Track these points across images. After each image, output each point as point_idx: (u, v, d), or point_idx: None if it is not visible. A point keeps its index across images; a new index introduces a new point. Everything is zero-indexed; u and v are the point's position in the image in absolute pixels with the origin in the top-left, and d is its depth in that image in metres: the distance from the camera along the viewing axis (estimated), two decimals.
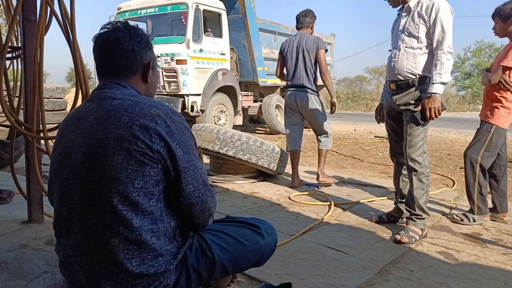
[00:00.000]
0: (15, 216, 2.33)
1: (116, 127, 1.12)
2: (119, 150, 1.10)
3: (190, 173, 1.18)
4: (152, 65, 1.32)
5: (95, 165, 1.12)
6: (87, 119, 1.18)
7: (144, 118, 1.13)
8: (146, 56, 1.29)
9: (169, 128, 1.16)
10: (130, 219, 1.11)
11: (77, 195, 1.15)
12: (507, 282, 1.99)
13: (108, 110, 1.16)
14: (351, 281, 1.95)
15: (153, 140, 1.12)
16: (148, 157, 1.11)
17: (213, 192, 1.28)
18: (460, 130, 11.10)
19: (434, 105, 2.37)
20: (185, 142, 1.19)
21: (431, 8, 2.41)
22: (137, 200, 1.11)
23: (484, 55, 39.26)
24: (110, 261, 1.13)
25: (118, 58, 1.24)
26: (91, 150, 1.13)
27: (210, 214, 1.29)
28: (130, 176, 1.10)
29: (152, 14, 8.05)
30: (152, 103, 1.19)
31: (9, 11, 2.74)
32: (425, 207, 2.59)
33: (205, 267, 1.27)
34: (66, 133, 1.22)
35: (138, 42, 1.26)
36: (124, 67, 1.25)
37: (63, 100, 8.82)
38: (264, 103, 9.40)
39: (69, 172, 1.17)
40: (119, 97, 1.19)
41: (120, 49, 1.23)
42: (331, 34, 12.38)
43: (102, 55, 1.26)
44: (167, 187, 1.18)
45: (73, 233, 1.17)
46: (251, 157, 3.88)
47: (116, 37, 1.24)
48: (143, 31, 1.32)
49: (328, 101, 4.26)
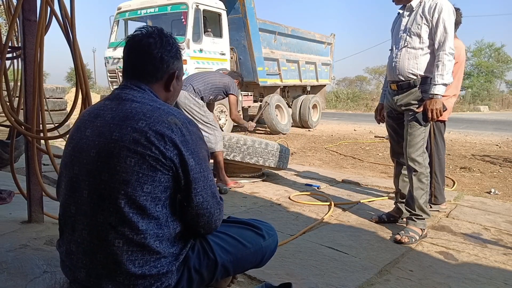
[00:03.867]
0: (15, 216, 2.33)
1: (133, 130, 1.13)
2: (133, 153, 1.11)
3: (200, 184, 1.19)
4: (177, 75, 1.34)
5: (107, 165, 1.12)
6: (105, 118, 1.18)
7: (161, 125, 1.14)
8: (173, 66, 1.30)
9: (184, 137, 1.17)
10: (136, 222, 1.12)
11: (85, 192, 1.15)
12: (507, 282, 1.99)
13: (127, 112, 1.17)
14: (351, 281, 1.95)
15: (167, 147, 1.13)
16: (160, 163, 1.12)
17: (221, 205, 1.29)
18: (460, 130, 11.10)
19: (436, 106, 2.37)
20: (198, 153, 1.19)
21: (434, 8, 2.41)
22: (145, 204, 1.12)
23: (484, 55, 39.26)
24: (113, 261, 1.13)
25: (146, 64, 1.26)
26: (105, 150, 1.13)
27: (216, 226, 1.30)
28: (141, 180, 1.11)
29: (152, 14, 8.06)
30: (170, 110, 1.20)
31: (9, 11, 2.75)
32: (425, 207, 2.59)
33: (207, 268, 1.27)
34: (81, 129, 1.22)
35: (168, 51, 1.28)
36: (149, 73, 1.27)
37: (63, 100, 8.80)
38: (264, 103, 9.40)
39: (80, 168, 1.17)
40: (139, 100, 1.20)
41: (149, 55, 1.25)
42: (331, 34, 12.40)
43: (131, 58, 1.28)
44: (174, 194, 1.20)
45: (79, 230, 1.18)
46: (258, 159, 3.94)
47: (148, 43, 1.25)
48: (175, 40, 1.33)
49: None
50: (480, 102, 30.15)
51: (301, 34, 10.78)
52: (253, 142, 3.92)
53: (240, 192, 3.71)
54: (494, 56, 38.79)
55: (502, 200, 3.76)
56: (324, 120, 13.15)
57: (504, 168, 5.58)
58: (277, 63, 9.71)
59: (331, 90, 26.56)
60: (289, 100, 10.94)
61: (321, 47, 11.82)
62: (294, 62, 10.42)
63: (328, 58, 12.24)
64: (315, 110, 11.40)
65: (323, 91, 12.90)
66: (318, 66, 11.50)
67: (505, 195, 4.01)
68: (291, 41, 10.41)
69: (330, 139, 8.70)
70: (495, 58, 38.53)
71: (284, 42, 10.12)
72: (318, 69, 11.54)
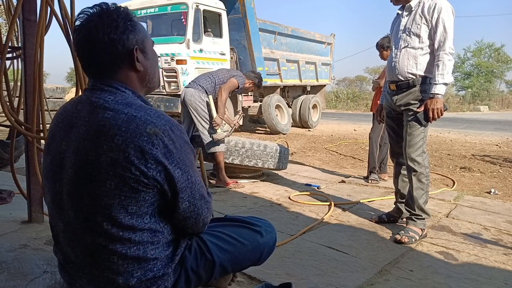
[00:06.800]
0: (15, 216, 2.33)
1: (109, 148, 1.02)
2: (112, 176, 1.02)
3: (187, 192, 1.13)
4: (141, 48, 1.14)
5: (86, 189, 1.05)
6: (79, 130, 1.07)
7: (140, 139, 1.02)
8: (129, 42, 1.10)
9: (167, 148, 1.06)
10: (128, 238, 1.08)
11: (71, 212, 1.10)
12: (507, 282, 1.99)
13: (100, 125, 1.04)
14: (351, 281, 1.95)
15: (148, 165, 1.03)
16: (142, 184, 1.04)
17: (209, 202, 1.24)
18: (460, 130, 11.11)
19: (437, 106, 2.38)
20: (184, 160, 1.11)
21: (433, 8, 2.41)
22: (131, 223, 1.07)
23: (484, 55, 39.27)
24: (111, 275, 1.11)
25: (99, 55, 1.08)
26: (83, 171, 1.05)
27: (204, 224, 1.26)
28: (123, 203, 1.04)
29: (152, 14, 8.06)
30: (148, 118, 1.05)
31: (9, 11, 2.75)
32: (425, 207, 2.59)
33: (204, 268, 1.26)
34: (57, 139, 1.13)
35: (115, 28, 1.07)
36: (108, 64, 1.09)
37: (63, 100, 8.83)
38: (264, 103, 9.41)
39: (61, 186, 1.10)
40: (112, 107, 1.06)
41: (96, 43, 1.06)
42: (331, 34, 12.40)
43: (83, 54, 1.11)
44: (161, 203, 1.14)
45: (71, 247, 1.14)
46: (257, 162, 3.94)
47: (89, 29, 1.06)
48: (119, 10, 1.10)
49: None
50: (480, 102, 30.17)
51: (301, 34, 10.78)
52: (252, 144, 3.92)
53: (240, 192, 3.71)
54: (494, 56, 38.78)
55: (502, 200, 3.76)
56: (324, 120, 13.15)
57: (504, 168, 5.58)
58: (277, 63, 9.71)
59: (331, 90, 26.54)
60: (289, 100, 10.94)
61: (321, 47, 11.82)
62: (294, 62, 10.42)
63: (328, 58, 12.24)
64: (315, 110, 11.40)
65: (323, 91, 12.90)
66: (318, 66, 11.51)
67: (505, 195, 4.01)
68: (291, 41, 10.41)
69: (330, 139, 8.70)
70: (495, 58, 38.53)
71: (284, 42, 10.12)
72: (318, 69, 11.54)
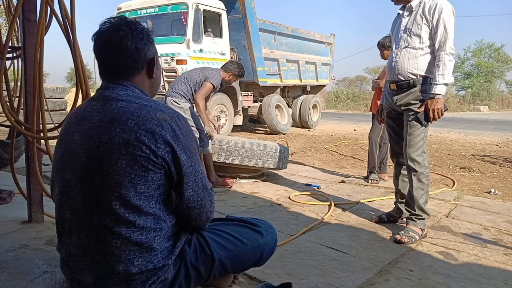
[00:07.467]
0: (15, 216, 2.32)
1: (122, 131, 1.11)
2: (124, 155, 1.10)
3: (191, 178, 1.20)
4: (156, 59, 1.31)
5: (99, 169, 1.12)
6: (92, 120, 1.17)
7: (150, 123, 1.13)
8: (149, 52, 1.27)
9: (175, 132, 1.16)
10: (133, 221, 1.13)
11: (79, 197, 1.15)
12: (507, 282, 1.99)
13: (114, 113, 1.15)
14: (351, 281, 1.94)
15: (158, 145, 1.12)
16: (152, 162, 1.12)
17: (212, 196, 1.30)
18: (460, 130, 11.11)
19: (437, 106, 2.38)
20: (189, 147, 1.20)
21: (434, 8, 2.41)
22: (139, 203, 1.13)
23: (484, 55, 39.27)
24: (113, 261, 1.14)
25: (123, 59, 1.22)
26: (95, 153, 1.12)
27: (208, 218, 1.30)
28: (133, 181, 1.11)
29: (152, 14, 8.05)
30: (157, 106, 1.18)
31: (9, 11, 2.75)
32: (425, 207, 2.59)
33: (203, 264, 1.28)
34: (69, 133, 1.21)
35: (140, 39, 1.24)
36: (129, 67, 1.23)
37: (63, 100, 8.83)
38: (264, 103, 9.41)
39: (72, 173, 1.17)
40: (124, 99, 1.18)
41: (124, 49, 1.21)
42: (331, 34, 12.39)
43: (105, 56, 1.24)
44: (167, 189, 1.20)
45: (76, 233, 1.18)
46: (257, 162, 3.94)
47: (119, 37, 1.20)
48: (142, 25, 1.29)
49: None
50: (480, 102, 30.18)
51: (301, 34, 10.78)
52: (251, 144, 3.92)
53: (240, 192, 3.71)
54: (494, 56, 38.79)
55: (502, 200, 3.76)
56: (324, 120, 13.15)
57: (504, 168, 5.58)
58: (277, 63, 9.71)
59: (331, 90, 26.53)
60: (289, 100, 10.94)
61: (321, 47, 11.82)
62: (294, 62, 10.41)
63: (328, 58, 12.24)
64: (315, 110, 11.40)
65: (323, 91, 12.90)
66: (318, 66, 11.50)
67: (505, 195, 4.01)
68: (291, 41, 10.41)
69: (330, 139, 8.70)
70: (495, 58, 38.54)
71: (284, 42, 10.11)
72: (318, 69, 11.53)
